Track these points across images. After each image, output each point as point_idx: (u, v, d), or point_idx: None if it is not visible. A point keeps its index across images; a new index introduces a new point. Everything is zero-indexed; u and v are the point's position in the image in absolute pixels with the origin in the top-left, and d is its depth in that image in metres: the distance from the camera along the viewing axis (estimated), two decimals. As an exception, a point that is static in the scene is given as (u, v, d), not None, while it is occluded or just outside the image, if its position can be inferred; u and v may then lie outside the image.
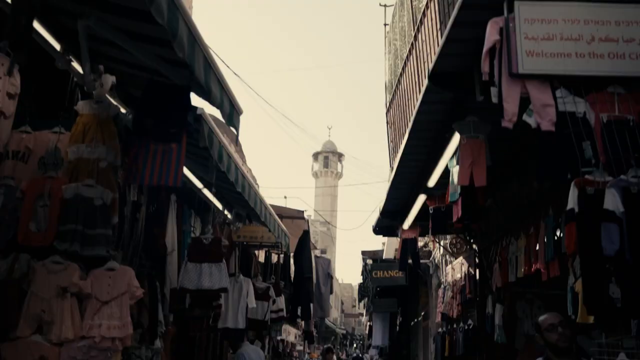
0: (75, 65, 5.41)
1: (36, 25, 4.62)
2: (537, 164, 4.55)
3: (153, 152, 5.16)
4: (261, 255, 12.13)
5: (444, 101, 6.40)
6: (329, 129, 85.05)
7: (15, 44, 4.35)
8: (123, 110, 5.89)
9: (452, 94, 6.05)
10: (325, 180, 60.98)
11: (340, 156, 64.37)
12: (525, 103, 4.37)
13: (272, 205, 10.02)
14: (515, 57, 4.30)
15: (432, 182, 7.69)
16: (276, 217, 9.17)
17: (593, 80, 4.40)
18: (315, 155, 63.58)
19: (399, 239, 11.10)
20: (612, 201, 3.91)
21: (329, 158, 63.05)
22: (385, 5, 13.04)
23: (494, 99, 4.34)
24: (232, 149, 6.86)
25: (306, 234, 12.05)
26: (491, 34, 4.39)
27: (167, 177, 5.15)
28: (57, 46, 5.25)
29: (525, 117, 4.31)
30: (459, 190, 6.39)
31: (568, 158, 4.19)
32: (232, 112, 4.99)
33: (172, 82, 5.01)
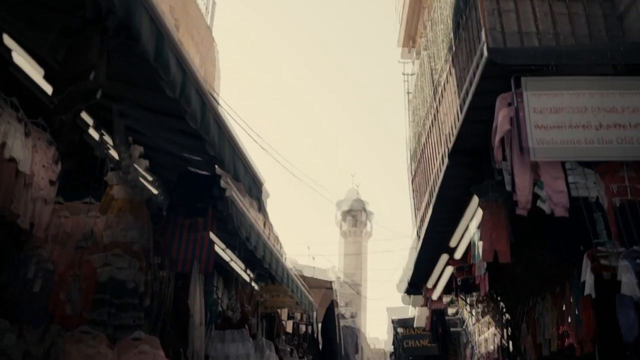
0: (112, 152, 5.74)
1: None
2: (550, 237, 4.68)
3: (180, 227, 5.40)
4: (284, 314, 12.12)
5: (465, 176, 6.59)
6: (353, 176, 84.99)
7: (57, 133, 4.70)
8: (155, 192, 6.19)
9: (471, 172, 6.24)
10: (354, 239, 60.73)
11: (369, 214, 64.19)
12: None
13: (299, 276, 10.13)
14: (526, 145, 4.50)
15: (458, 255, 7.81)
16: (303, 289, 9.30)
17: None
18: (344, 215, 63.51)
19: (428, 308, 11.11)
20: (628, 286, 3.99)
21: (357, 217, 62.92)
22: (407, 74, 13.41)
23: (508, 187, 4.52)
24: (260, 223, 7.09)
25: (333, 304, 12.12)
26: (502, 124, 4.60)
27: (193, 253, 5.38)
28: (90, 121, 5.56)
29: (539, 203, 4.47)
30: (485, 266, 6.50)
31: (580, 229, 4.31)
32: (253, 185, 5.22)
33: (202, 173, 5.28)
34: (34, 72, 4.58)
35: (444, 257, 9.03)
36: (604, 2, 6.45)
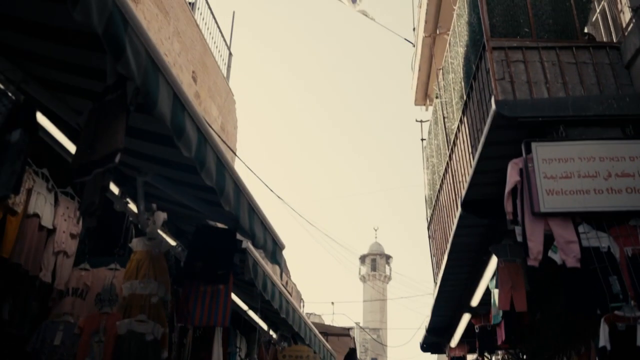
0: (131, 205, 5.90)
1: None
2: (565, 299, 4.68)
3: (202, 294, 5.49)
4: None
5: (479, 225, 6.63)
6: (375, 230, 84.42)
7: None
8: (173, 243, 6.31)
9: (486, 220, 6.29)
10: (374, 284, 60.18)
11: (388, 258, 63.74)
12: (549, 240, 4.56)
13: (317, 324, 10.14)
14: (536, 197, 4.55)
15: (475, 302, 7.78)
16: (321, 337, 9.31)
17: (614, 215, 4.58)
18: (363, 259, 63.11)
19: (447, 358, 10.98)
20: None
21: (376, 261, 62.46)
22: (421, 121, 13.58)
23: (519, 238, 4.56)
24: (276, 278, 7.16)
25: (352, 351, 12.05)
26: (512, 176, 4.67)
27: (215, 318, 5.44)
28: (116, 190, 5.76)
29: (550, 253, 4.50)
30: (501, 314, 6.48)
31: (596, 292, 4.31)
32: (275, 250, 5.33)
33: (219, 226, 5.40)
34: (57, 131, 4.76)
35: (467, 316, 8.98)
36: (611, 49, 6.57)
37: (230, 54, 13.59)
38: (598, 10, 8.00)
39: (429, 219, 11.73)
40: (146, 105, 3.13)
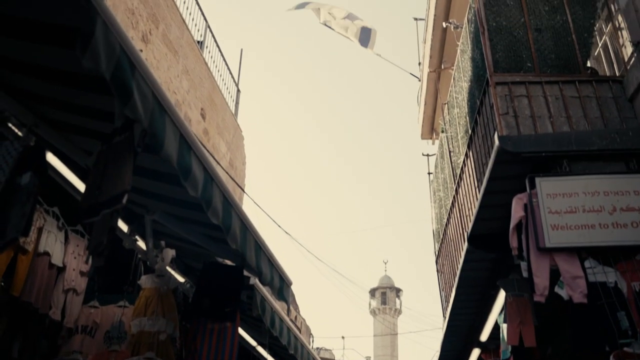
0: (140, 242, 5.95)
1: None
2: (573, 335, 4.65)
3: (210, 331, 5.50)
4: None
5: (487, 259, 6.63)
6: (385, 263, 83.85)
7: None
8: (181, 280, 6.35)
9: (493, 255, 6.29)
10: (384, 317, 59.58)
11: (398, 292, 63.20)
12: (555, 275, 4.56)
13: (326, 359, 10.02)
14: (541, 232, 4.56)
15: (484, 337, 7.73)
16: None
17: (620, 249, 4.58)
18: (372, 292, 62.60)
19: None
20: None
21: (386, 294, 61.92)
22: (428, 155, 13.64)
23: (524, 274, 4.56)
24: (284, 313, 7.15)
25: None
26: (516, 211, 4.69)
27: (223, 356, 5.44)
28: (125, 228, 5.82)
29: (557, 289, 4.49)
30: (510, 349, 6.44)
31: (604, 328, 4.29)
32: (282, 287, 5.35)
33: (227, 263, 5.43)
34: (67, 171, 4.85)
35: (476, 352, 8.90)
36: (614, 83, 6.63)
37: (238, 90, 13.79)
38: (600, 45, 8.09)
39: (437, 252, 11.71)
40: (153, 146, 3.20)
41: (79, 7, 2.62)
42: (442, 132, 10.48)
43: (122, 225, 5.73)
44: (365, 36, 13.89)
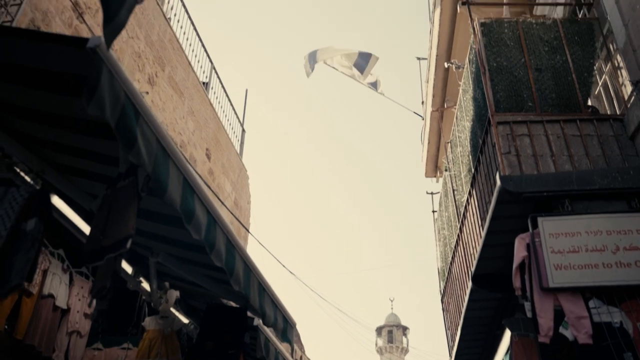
0: (144, 284, 5.96)
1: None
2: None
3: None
4: None
5: (491, 298, 6.59)
6: (391, 301, 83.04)
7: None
8: (185, 321, 6.33)
9: (498, 294, 6.27)
10: (391, 356, 58.80)
11: (404, 330, 62.49)
12: (560, 316, 4.53)
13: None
14: (544, 272, 4.55)
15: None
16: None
17: (625, 289, 4.56)
18: (379, 330, 61.94)
19: None
20: None
21: (393, 332, 61.25)
22: (432, 193, 13.67)
23: (528, 314, 4.54)
24: (288, 354, 7.09)
25: None
26: (519, 251, 4.69)
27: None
28: (129, 269, 5.84)
29: (561, 330, 4.46)
30: (516, 392, 6.35)
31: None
32: (286, 328, 5.33)
33: (231, 304, 5.43)
34: (73, 214, 4.90)
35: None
36: (614, 121, 6.68)
37: (243, 130, 13.91)
38: (600, 83, 8.18)
39: (442, 291, 11.64)
40: (157, 191, 3.25)
41: (85, 57, 2.69)
42: (446, 170, 10.53)
43: (127, 267, 5.75)
44: (363, 62, 14.01)
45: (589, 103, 7.47)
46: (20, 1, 5.78)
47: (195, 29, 11.03)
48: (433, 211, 13.24)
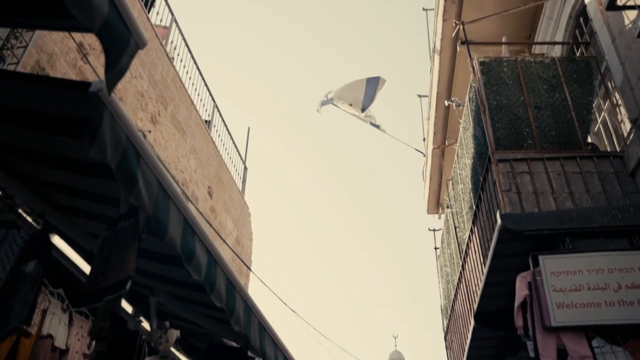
0: (144, 323, 5.92)
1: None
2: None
3: None
4: None
5: (494, 337, 6.53)
6: (395, 337, 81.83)
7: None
8: (186, 361, 6.27)
9: (501, 332, 6.21)
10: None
11: (409, 367, 61.45)
12: (563, 355, 4.49)
13: None
14: (546, 310, 4.53)
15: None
16: None
17: (628, 328, 4.52)
18: (383, 369, 60.94)
19: None
20: None
21: (397, 372, 60.23)
22: (434, 230, 13.64)
23: (531, 353, 4.50)
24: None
25: None
26: (520, 290, 4.67)
27: None
28: (129, 309, 5.81)
29: (565, 369, 4.41)
30: None
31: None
32: (285, 369, 5.27)
33: (231, 344, 5.39)
34: (73, 253, 4.91)
35: None
36: (614, 158, 6.71)
37: (245, 167, 13.98)
38: (599, 121, 8.24)
39: (445, 329, 11.53)
40: (157, 232, 3.26)
41: (87, 101, 2.73)
42: (448, 207, 10.53)
43: (127, 307, 5.72)
44: (372, 88, 14.15)
45: (589, 140, 7.51)
46: (26, 44, 5.88)
47: (197, 67, 11.19)
48: (435, 248, 13.21)
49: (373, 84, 14.26)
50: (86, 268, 4.85)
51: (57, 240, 4.51)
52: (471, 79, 7.93)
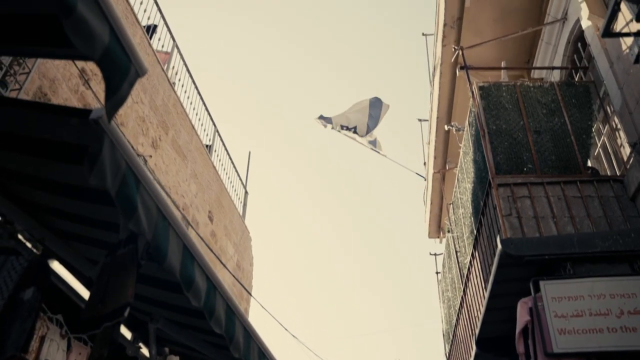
0: (143, 349, 5.88)
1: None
2: None
3: None
4: None
5: (496, 363, 6.47)
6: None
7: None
8: (186, 390, 6.21)
9: (504, 357, 6.16)
10: None
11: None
12: (565, 382, 4.45)
13: None
14: (548, 336, 4.50)
15: None
16: None
17: (631, 355, 4.49)
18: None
19: None
20: None
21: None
22: (435, 254, 13.60)
23: (533, 380, 4.46)
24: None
25: None
26: (522, 315, 4.65)
27: None
28: (129, 335, 5.77)
29: (568, 397, 4.37)
30: None
31: None
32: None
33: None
34: (73, 279, 4.89)
35: None
36: (615, 183, 6.71)
37: (246, 192, 13.99)
38: (599, 145, 8.26)
39: (447, 354, 11.42)
40: (156, 258, 3.25)
41: (87, 128, 2.75)
42: (449, 231, 10.51)
43: (126, 332, 5.69)
44: (376, 111, 14.23)
45: (589, 164, 7.52)
46: (29, 70, 5.94)
47: (198, 92, 11.26)
48: (437, 272, 13.15)
49: (377, 107, 14.36)
50: (85, 294, 4.84)
51: (56, 266, 4.50)
52: (471, 103, 7.97)
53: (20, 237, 3.99)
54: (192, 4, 45.02)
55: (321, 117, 14.56)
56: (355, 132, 14.25)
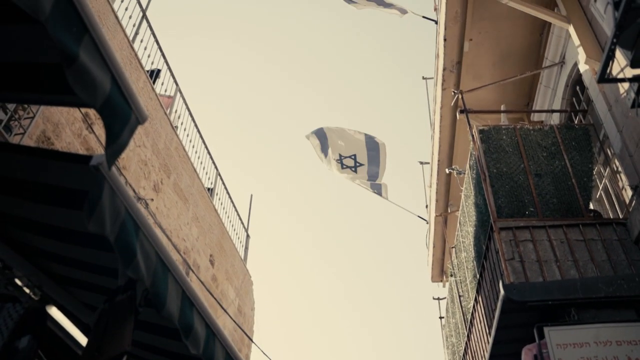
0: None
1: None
2: None
3: None
4: None
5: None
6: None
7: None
8: None
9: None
10: None
11: None
12: None
13: None
14: (554, 384, 4.41)
15: None
16: None
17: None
18: None
19: None
20: None
21: None
22: (438, 299, 13.46)
23: None
24: None
25: None
26: (526, 363, 4.57)
27: None
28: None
29: None
30: None
31: None
32: None
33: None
34: (70, 325, 4.84)
35: None
36: (617, 225, 6.68)
37: (247, 235, 13.94)
38: (600, 187, 8.25)
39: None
40: (155, 305, 3.22)
41: (87, 174, 2.76)
42: (451, 275, 10.42)
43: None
44: (373, 150, 14.18)
45: (591, 207, 7.50)
46: (33, 115, 5.99)
47: (201, 135, 11.33)
48: (440, 317, 12.99)
49: (374, 148, 14.27)
50: (83, 341, 4.77)
51: (54, 311, 4.45)
52: (471, 147, 8.00)
53: (18, 282, 3.96)
54: (197, 43, 45.66)
55: (316, 134, 14.35)
56: (355, 161, 14.08)
